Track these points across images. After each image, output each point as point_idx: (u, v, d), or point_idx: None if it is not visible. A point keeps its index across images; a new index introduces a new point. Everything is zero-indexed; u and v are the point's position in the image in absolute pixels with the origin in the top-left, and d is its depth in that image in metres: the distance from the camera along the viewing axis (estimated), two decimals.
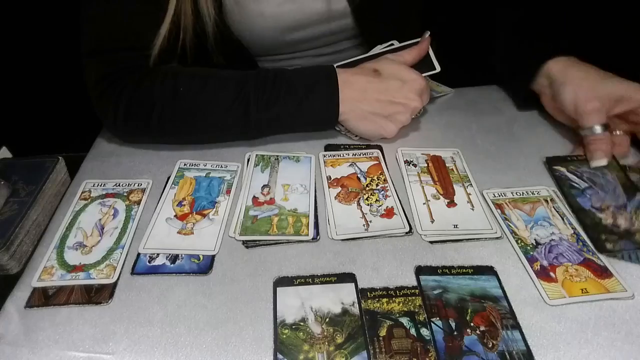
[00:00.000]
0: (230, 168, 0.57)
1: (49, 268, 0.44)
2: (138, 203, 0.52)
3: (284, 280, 0.43)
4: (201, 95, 0.55)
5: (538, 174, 0.56)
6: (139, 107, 0.56)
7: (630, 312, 0.40)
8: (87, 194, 0.53)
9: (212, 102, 0.55)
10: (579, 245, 0.46)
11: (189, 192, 0.53)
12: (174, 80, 0.56)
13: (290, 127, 0.60)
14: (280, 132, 0.61)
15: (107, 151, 0.61)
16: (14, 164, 0.58)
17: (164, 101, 0.55)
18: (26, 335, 0.39)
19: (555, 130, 0.63)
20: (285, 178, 0.55)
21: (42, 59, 0.95)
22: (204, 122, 0.56)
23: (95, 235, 0.48)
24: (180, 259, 0.45)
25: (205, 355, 0.38)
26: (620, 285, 0.42)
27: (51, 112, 1.01)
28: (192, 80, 0.56)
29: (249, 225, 0.49)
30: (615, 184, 0.52)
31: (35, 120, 1.00)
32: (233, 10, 0.63)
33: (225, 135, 0.60)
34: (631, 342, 0.38)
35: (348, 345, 0.38)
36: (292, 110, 0.56)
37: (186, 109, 0.56)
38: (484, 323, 0.39)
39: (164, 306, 0.41)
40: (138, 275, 0.44)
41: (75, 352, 0.38)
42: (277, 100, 0.55)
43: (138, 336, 0.39)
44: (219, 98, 0.55)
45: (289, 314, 0.40)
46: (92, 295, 0.42)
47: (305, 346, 0.38)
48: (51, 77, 0.97)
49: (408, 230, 0.48)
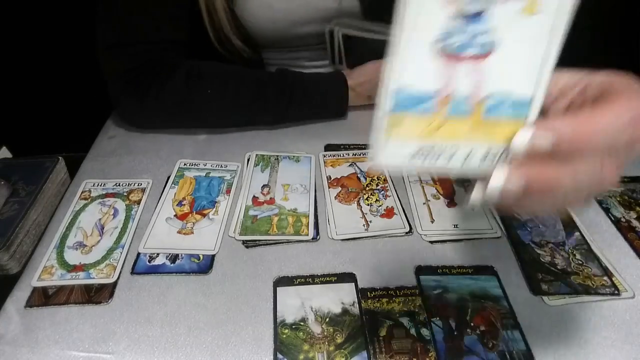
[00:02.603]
0: (230, 168, 0.57)
1: (49, 268, 0.44)
2: (138, 203, 0.52)
3: (284, 280, 0.43)
4: (223, 100, 0.60)
5: None
6: (164, 105, 0.60)
7: (630, 312, 0.40)
8: (87, 194, 0.53)
9: (234, 105, 0.61)
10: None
11: (189, 191, 0.53)
12: (198, 81, 0.59)
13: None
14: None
15: (107, 151, 0.61)
16: (14, 164, 0.58)
17: (187, 104, 0.59)
18: (26, 335, 0.39)
19: None
20: (285, 178, 0.55)
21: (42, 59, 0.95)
22: (224, 120, 0.63)
23: (95, 235, 0.48)
24: (180, 259, 0.45)
25: (205, 354, 0.38)
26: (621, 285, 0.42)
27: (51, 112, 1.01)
28: (214, 82, 0.60)
29: (249, 225, 0.49)
30: (556, 219, 0.49)
31: (35, 120, 1.00)
32: (242, 1, 0.63)
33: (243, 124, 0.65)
34: (631, 342, 0.38)
35: (348, 345, 0.38)
36: (306, 115, 0.64)
37: (207, 110, 0.61)
38: (484, 323, 0.39)
39: (163, 306, 0.41)
40: (138, 274, 0.44)
41: (75, 352, 0.38)
42: (292, 106, 0.62)
43: (138, 336, 0.39)
44: (240, 101, 0.61)
45: (289, 314, 0.40)
46: (92, 295, 0.42)
47: (305, 346, 0.38)
48: (51, 77, 0.97)
49: (408, 230, 0.48)
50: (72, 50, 0.89)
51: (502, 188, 0.23)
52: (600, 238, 0.48)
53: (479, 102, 0.23)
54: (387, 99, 0.22)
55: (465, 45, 0.22)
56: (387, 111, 0.22)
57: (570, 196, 0.23)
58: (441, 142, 0.23)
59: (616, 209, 0.51)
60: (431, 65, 0.22)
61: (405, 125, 0.23)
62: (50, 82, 0.97)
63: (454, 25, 0.21)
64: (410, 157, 0.24)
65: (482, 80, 0.23)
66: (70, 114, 0.97)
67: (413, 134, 0.23)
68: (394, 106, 0.22)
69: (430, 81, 0.22)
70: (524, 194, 0.23)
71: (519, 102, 0.23)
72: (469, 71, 0.22)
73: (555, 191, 0.22)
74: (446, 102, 0.23)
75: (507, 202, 0.24)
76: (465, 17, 0.21)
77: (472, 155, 0.24)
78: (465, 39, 0.22)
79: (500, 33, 0.22)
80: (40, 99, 1.00)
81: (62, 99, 0.98)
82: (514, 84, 0.23)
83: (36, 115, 1.00)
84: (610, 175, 0.23)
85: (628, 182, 0.55)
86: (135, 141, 0.62)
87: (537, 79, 0.23)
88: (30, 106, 1.00)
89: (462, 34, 0.21)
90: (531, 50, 0.22)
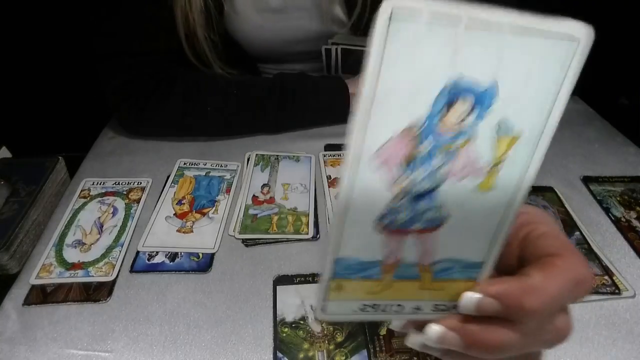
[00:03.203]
0: (230, 167, 0.57)
1: (48, 266, 0.44)
2: (137, 201, 0.52)
3: (284, 278, 0.43)
4: (223, 115, 0.60)
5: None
6: (162, 121, 0.60)
7: (631, 311, 0.40)
8: (86, 192, 0.53)
9: (234, 119, 0.61)
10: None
11: (188, 190, 0.53)
12: (197, 96, 0.59)
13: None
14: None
15: (107, 150, 0.61)
16: (14, 164, 0.58)
17: (186, 119, 0.59)
18: (24, 333, 0.39)
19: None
20: (285, 177, 0.55)
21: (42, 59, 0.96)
22: (224, 132, 0.62)
23: (95, 233, 0.48)
24: (179, 257, 0.45)
25: (205, 353, 0.37)
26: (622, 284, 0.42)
27: (51, 112, 1.01)
28: (214, 94, 0.59)
29: (248, 224, 0.49)
30: (556, 219, 0.49)
31: (35, 120, 1.00)
32: (233, 20, 0.63)
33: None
34: (632, 341, 0.38)
35: (348, 344, 0.38)
36: (308, 125, 0.64)
37: (206, 124, 0.61)
38: None
39: (163, 304, 0.41)
40: (137, 273, 0.44)
41: (74, 350, 0.38)
42: (294, 119, 0.62)
43: (137, 334, 0.39)
44: (239, 115, 0.61)
45: (288, 313, 0.40)
46: (91, 293, 0.42)
47: (305, 344, 0.38)
48: (51, 77, 0.97)
49: None
50: (72, 50, 0.89)
51: (440, 343, 0.23)
52: (601, 238, 0.47)
53: (427, 268, 0.22)
54: (328, 267, 0.21)
55: (412, 220, 0.20)
56: (328, 278, 0.22)
57: (519, 351, 0.22)
58: (388, 301, 0.23)
59: (616, 208, 0.51)
60: (375, 239, 0.21)
61: (348, 288, 0.22)
62: (50, 83, 0.97)
63: (400, 203, 0.20)
64: (356, 312, 0.23)
65: (430, 250, 0.22)
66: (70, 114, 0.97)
67: (357, 295, 0.23)
68: (336, 273, 0.22)
69: (374, 252, 0.21)
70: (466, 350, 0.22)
71: (469, 264, 0.22)
72: (416, 242, 0.21)
73: (499, 351, 0.22)
74: (391, 270, 0.22)
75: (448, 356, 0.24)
76: (412, 196, 0.20)
77: (422, 308, 0.23)
78: (412, 214, 0.20)
79: (452, 208, 0.20)
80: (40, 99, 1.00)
81: (62, 99, 0.98)
82: (465, 253, 0.22)
83: (36, 115, 1.01)
84: (565, 328, 0.22)
85: (628, 182, 0.55)
86: (135, 141, 0.62)
87: (490, 246, 0.22)
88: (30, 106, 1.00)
89: (408, 210, 0.20)
90: (484, 222, 0.21)
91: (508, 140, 0.19)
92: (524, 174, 0.20)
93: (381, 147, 0.18)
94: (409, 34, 0.16)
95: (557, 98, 0.18)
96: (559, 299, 0.21)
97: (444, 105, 0.17)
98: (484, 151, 0.19)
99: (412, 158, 0.19)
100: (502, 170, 0.19)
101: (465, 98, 0.18)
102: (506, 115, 0.18)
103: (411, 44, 0.16)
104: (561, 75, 0.18)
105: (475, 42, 0.17)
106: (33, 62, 0.96)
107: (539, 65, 0.18)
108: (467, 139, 0.19)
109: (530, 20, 0.17)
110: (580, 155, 0.59)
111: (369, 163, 0.18)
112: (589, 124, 0.66)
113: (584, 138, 0.63)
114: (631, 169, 0.57)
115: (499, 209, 0.21)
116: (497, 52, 0.17)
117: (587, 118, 0.68)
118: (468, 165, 0.19)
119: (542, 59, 0.17)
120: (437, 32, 0.16)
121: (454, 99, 0.17)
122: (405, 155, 0.18)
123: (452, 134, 0.18)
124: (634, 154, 0.60)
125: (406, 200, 0.20)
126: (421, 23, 0.16)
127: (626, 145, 0.62)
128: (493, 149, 0.19)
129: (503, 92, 0.18)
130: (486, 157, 0.19)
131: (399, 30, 0.16)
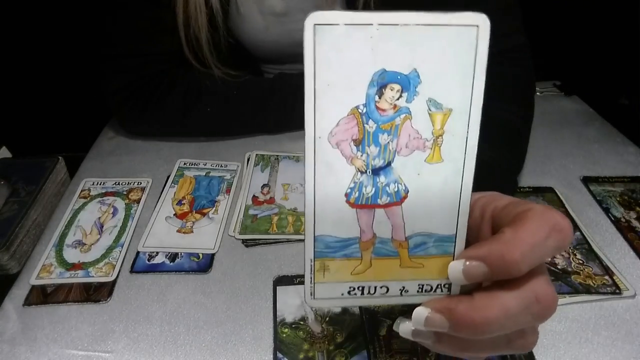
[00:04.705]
0: (230, 167, 0.57)
1: (48, 266, 0.44)
2: (137, 202, 0.52)
3: (284, 279, 0.43)
4: (223, 118, 0.61)
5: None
6: (162, 123, 0.61)
7: (631, 312, 0.40)
8: (86, 193, 0.53)
9: (234, 121, 0.61)
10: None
11: (188, 190, 0.53)
12: (197, 99, 0.59)
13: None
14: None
15: (107, 150, 0.61)
16: (14, 164, 0.58)
17: (186, 121, 0.60)
18: (24, 334, 0.39)
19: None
20: (285, 177, 0.55)
21: (42, 59, 0.96)
22: (224, 133, 0.63)
23: (95, 234, 0.48)
24: (179, 258, 0.45)
25: (205, 353, 0.37)
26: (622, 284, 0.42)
27: (51, 112, 1.01)
28: (214, 94, 0.59)
29: (248, 224, 0.49)
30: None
31: (35, 120, 1.00)
32: (237, 22, 0.63)
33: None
34: (631, 342, 0.38)
35: (348, 345, 0.38)
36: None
37: (206, 126, 0.61)
38: None
39: (163, 304, 0.41)
40: (137, 273, 0.44)
41: (74, 351, 0.38)
42: (295, 121, 0.61)
43: (137, 334, 0.39)
44: (240, 116, 0.61)
45: (288, 313, 0.40)
46: (91, 294, 0.42)
47: (305, 345, 0.38)
48: (51, 77, 0.97)
49: None
50: (72, 50, 0.89)
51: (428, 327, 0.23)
52: (601, 238, 0.47)
53: (402, 244, 0.24)
54: (309, 247, 0.24)
55: (377, 195, 0.23)
56: (311, 258, 0.24)
57: (509, 330, 0.22)
58: (372, 281, 0.25)
59: (616, 209, 0.51)
60: (348, 215, 0.23)
61: (332, 269, 0.24)
62: (50, 83, 0.97)
63: (362, 178, 0.23)
64: (344, 295, 0.25)
65: (400, 224, 0.24)
66: (70, 114, 0.97)
67: (342, 276, 0.24)
68: (317, 253, 0.24)
69: (350, 229, 0.23)
70: (454, 331, 0.22)
71: (441, 238, 0.24)
72: (387, 217, 0.24)
73: (488, 328, 0.22)
74: (369, 246, 0.24)
75: (440, 342, 0.24)
76: (371, 170, 0.23)
77: (407, 289, 0.25)
78: (375, 189, 0.23)
79: (408, 181, 0.23)
80: (40, 99, 1.00)
81: (62, 99, 0.98)
82: (434, 226, 0.24)
83: (36, 115, 1.01)
84: (550, 294, 0.22)
85: (628, 182, 0.55)
86: (135, 141, 0.62)
87: (457, 218, 0.24)
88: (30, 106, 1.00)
89: (371, 185, 0.23)
90: (443, 194, 0.23)
91: (442, 116, 0.22)
92: (466, 145, 0.23)
93: (333, 129, 0.22)
94: (332, 39, 0.20)
95: (475, 75, 0.21)
96: (538, 248, 0.21)
97: (375, 92, 0.21)
98: (422, 127, 0.22)
99: (362, 136, 0.22)
100: (445, 144, 0.22)
101: (392, 85, 0.21)
102: (433, 95, 0.22)
103: (335, 47, 0.20)
104: (472, 56, 0.21)
105: (390, 40, 0.21)
106: (33, 63, 0.96)
107: (450, 51, 0.21)
108: (404, 117, 0.22)
109: (434, 16, 0.20)
110: (580, 155, 0.59)
111: (326, 143, 0.22)
112: (589, 124, 0.66)
113: (584, 138, 0.63)
114: (631, 169, 0.57)
115: (452, 179, 0.23)
116: (411, 45, 0.21)
117: (587, 118, 0.68)
118: (411, 140, 0.22)
119: (451, 45, 0.21)
120: (355, 37, 0.20)
121: (383, 87, 0.21)
122: (356, 135, 0.22)
123: (391, 114, 0.22)
124: (634, 154, 0.60)
125: (366, 175, 0.23)
126: (341, 30, 0.20)
127: (626, 145, 0.62)
128: (429, 124, 0.22)
129: (424, 77, 0.21)
130: (425, 132, 0.22)
131: (323, 36, 0.20)
